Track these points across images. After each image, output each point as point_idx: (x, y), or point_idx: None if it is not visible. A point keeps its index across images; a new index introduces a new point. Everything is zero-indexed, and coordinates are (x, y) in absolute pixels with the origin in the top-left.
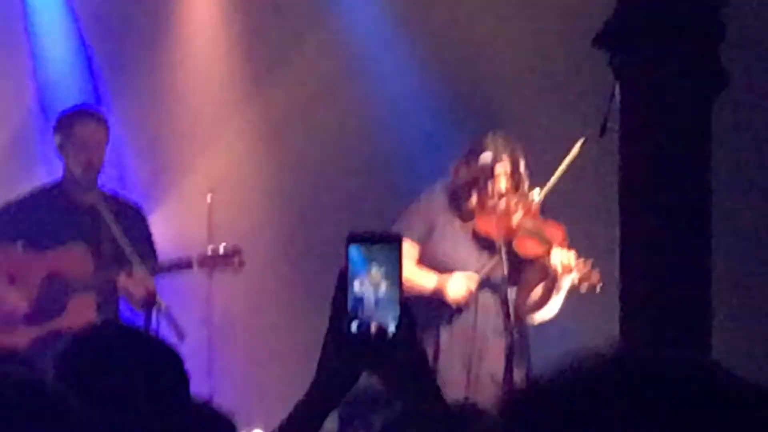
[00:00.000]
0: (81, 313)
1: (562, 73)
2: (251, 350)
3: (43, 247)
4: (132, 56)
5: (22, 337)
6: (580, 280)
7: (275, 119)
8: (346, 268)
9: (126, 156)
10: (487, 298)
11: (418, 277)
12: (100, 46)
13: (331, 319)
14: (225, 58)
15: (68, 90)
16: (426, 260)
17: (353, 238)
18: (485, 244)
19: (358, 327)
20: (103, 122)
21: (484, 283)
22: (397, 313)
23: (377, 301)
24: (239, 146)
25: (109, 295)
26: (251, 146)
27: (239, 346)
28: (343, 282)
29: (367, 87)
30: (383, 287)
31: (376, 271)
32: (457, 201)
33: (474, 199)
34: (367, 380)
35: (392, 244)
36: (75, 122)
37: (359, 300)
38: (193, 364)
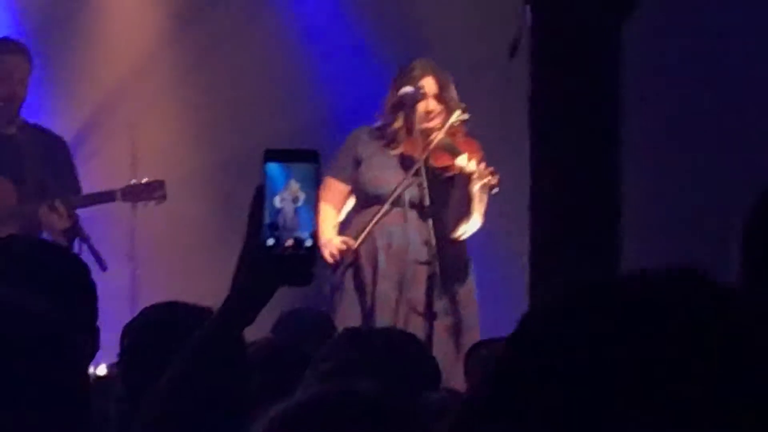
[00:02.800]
0: None
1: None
2: (175, 282)
3: None
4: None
5: None
6: (482, 183)
7: (198, 54)
8: (263, 183)
9: (50, 92)
10: (416, 223)
11: (320, 229)
12: None
13: (247, 234)
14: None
15: None
16: (357, 192)
17: (270, 155)
18: (409, 164)
19: (275, 241)
20: (26, 54)
21: (412, 206)
22: (313, 228)
23: (294, 216)
24: (162, 81)
25: (31, 227)
26: (174, 81)
27: (163, 277)
28: (260, 197)
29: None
30: (300, 202)
31: (294, 186)
32: (384, 127)
33: (400, 121)
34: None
35: (309, 161)
36: None
37: (276, 215)
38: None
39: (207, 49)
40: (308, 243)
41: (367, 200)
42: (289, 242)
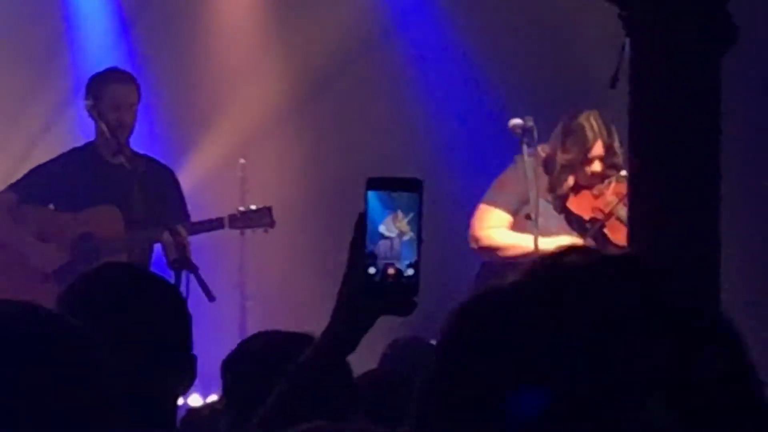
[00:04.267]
0: None
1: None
2: (284, 315)
3: (75, 209)
4: (165, 23)
5: (51, 296)
6: None
7: (309, 83)
8: (365, 212)
9: (157, 120)
10: None
11: (519, 238)
12: (134, 13)
13: (348, 262)
14: (259, 26)
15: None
16: (517, 232)
17: (373, 183)
18: (577, 223)
19: (376, 270)
20: (134, 83)
21: None
22: (415, 258)
23: (397, 246)
24: (272, 110)
25: (140, 257)
26: (285, 109)
27: (271, 309)
28: (361, 225)
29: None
30: (404, 233)
31: (398, 217)
32: (552, 183)
33: (570, 181)
34: None
35: (413, 190)
36: (106, 83)
37: (379, 244)
38: (225, 330)
39: (316, 74)
40: (409, 272)
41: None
42: (391, 271)
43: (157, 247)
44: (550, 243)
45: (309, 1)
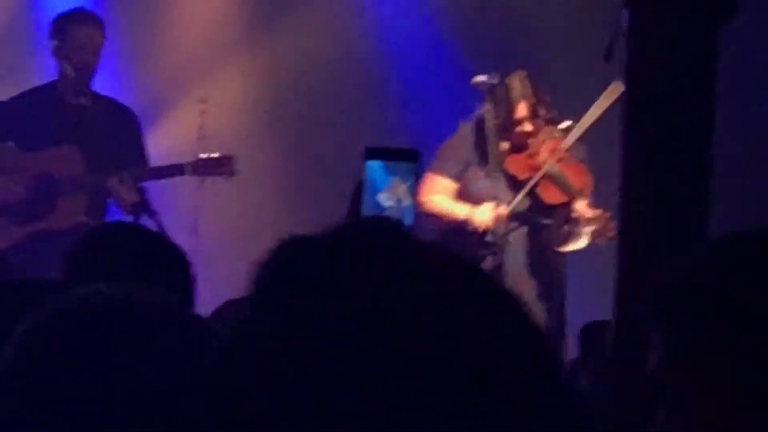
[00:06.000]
0: (70, 213)
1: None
2: (237, 260)
3: (34, 148)
4: None
5: (6, 237)
6: (598, 233)
7: (273, 30)
8: (364, 181)
9: (121, 63)
10: (518, 236)
11: (452, 207)
12: None
13: None
14: None
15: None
16: (463, 197)
17: (371, 153)
18: (514, 183)
19: None
20: (99, 25)
21: (514, 218)
22: (412, 223)
23: (396, 214)
24: (234, 55)
25: (98, 198)
26: (246, 56)
27: (225, 255)
28: (359, 195)
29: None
30: (404, 200)
31: (399, 185)
32: (483, 147)
33: (503, 145)
34: None
35: (410, 160)
36: (72, 23)
37: (383, 211)
38: None
39: (281, 23)
40: None
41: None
42: None
43: None
44: (481, 211)
45: None
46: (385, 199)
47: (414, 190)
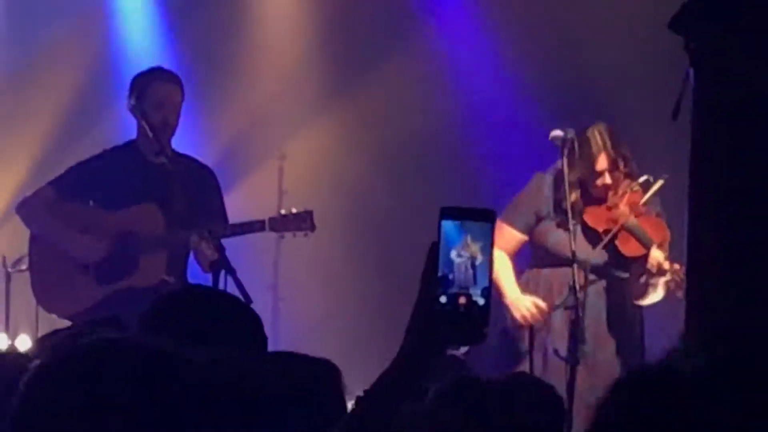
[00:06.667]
0: (151, 271)
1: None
2: (315, 317)
3: (114, 207)
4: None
5: (91, 297)
6: (676, 285)
7: (352, 90)
8: (438, 241)
9: (200, 121)
10: (596, 290)
11: (504, 282)
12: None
13: (420, 289)
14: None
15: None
16: (536, 247)
17: (446, 213)
18: (592, 236)
19: (447, 299)
20: (178, 83)
21: (593, 271)
22: (487, 285)
23: (468, 272)
24: (310, 111)
25: (178, 256)
26: (322, 111)
27: (304, 312)
28: (435, 253)
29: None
30: (477, 258)
31: (471, 244)
32: (558, 199)
33: (574, 197)
34: None
35: (486, 221)
36: (151, 81)
37: (450, 269)
38: None
39: (362, 79)
40: (481, 302)
41: (545, 259)
42: (462, 300)
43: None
44: (523, 304)
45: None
46: (457, 256)
47: (487, 248)
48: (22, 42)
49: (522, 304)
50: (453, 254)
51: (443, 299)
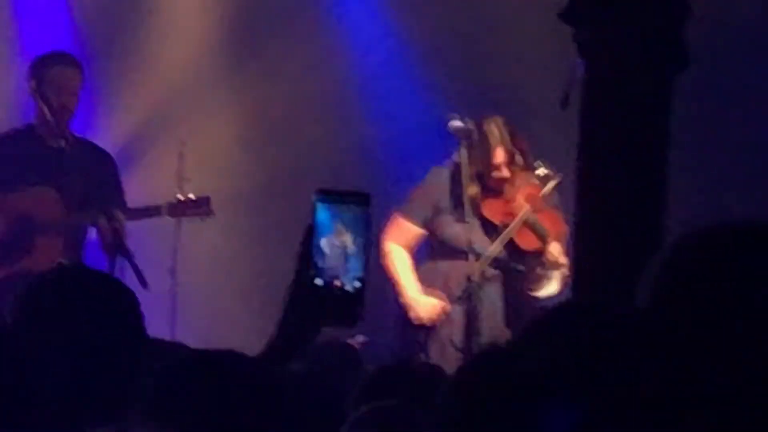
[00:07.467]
0: (47, 254)
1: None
2: (213, 302)
3: (12, 189)
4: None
5: None
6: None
7: (251, 70)
8: (313, 224)
9: (98, 104)
10: (493, 281)
11: (404, 280)
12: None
13: (295, 272)
14: (206, 15)
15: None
16: (433, 241)
17: (321, 195)
18: (489, 229)
19: (323, 282)
20: (78, 67)
21: (489, 263)
22: (361, 273)
23: (342, 261)
24: (212, 97)
25: (75, 239)
26: (224, 97)
27: (202, 297)
28: (308, 238)
29: (356, 61)
30: (349, 247)
31: (343, 231)
32: (456, 191)
33: (472, 189)
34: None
35: (361, 205)
36: (50, 65)
37: (324, 256)
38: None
39: (260, 63)
40: (356, 284)
41: (443, 251)
42: (337, 283)
43: (91, 230)
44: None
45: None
46: (327, 244)
47: (362, 233)
48: None
49: (421, 304)
50: (323, 243)
51: (318, 282)
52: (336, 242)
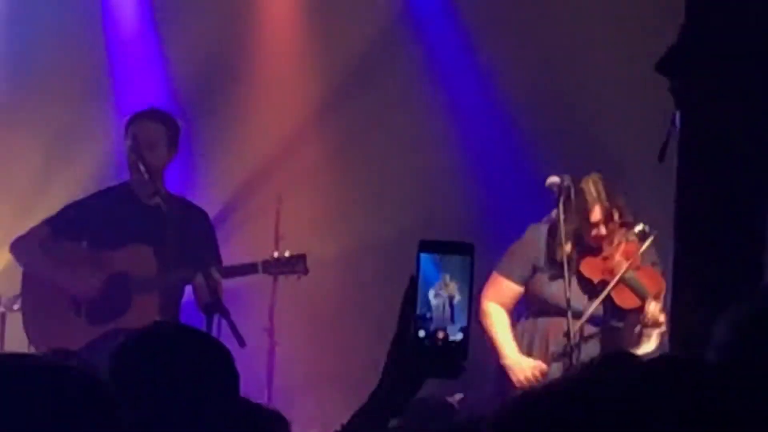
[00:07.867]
0: (143, 313)
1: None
2: (311, 360)
3: (108, 247)
4: (210, 70)
5: (82, 336)
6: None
7: (348, 132)
8: (417, 275)
9: (197, 165)
10: (591, 339)
11: (502, 341)
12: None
13: (398, 324)
14: (301, 75)
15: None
16: (531, 299)
17: (425, 246)
18: (587, 287)
19: (426, 335)
20: (164, 123)
21: (588, 321)
22: (465, 324)
23: (447, 311)
24: (309, 158)
25: (171, 297)
26: (321, 158)
27: (300, 355)
28: (413, 289)
29: (456, 116)
30: (455, 297)
31: (449, 281)
32: (552, 249)
33: (568, 247)
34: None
35: (465, 255)
36: (137, 123)
37: (429, 308)
38: (252, 372)
39: (357, 127)
40: (459, 337)
41: (541, 309)
42: (441, 335)
43: (188, 288)
44: (522, 366)
45: (353, 51)
46: (433, 295)
47: (465, 283)
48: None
49: (522, 368)
50: (431, 294)
51: (422, 333)
52: (442, 292)
